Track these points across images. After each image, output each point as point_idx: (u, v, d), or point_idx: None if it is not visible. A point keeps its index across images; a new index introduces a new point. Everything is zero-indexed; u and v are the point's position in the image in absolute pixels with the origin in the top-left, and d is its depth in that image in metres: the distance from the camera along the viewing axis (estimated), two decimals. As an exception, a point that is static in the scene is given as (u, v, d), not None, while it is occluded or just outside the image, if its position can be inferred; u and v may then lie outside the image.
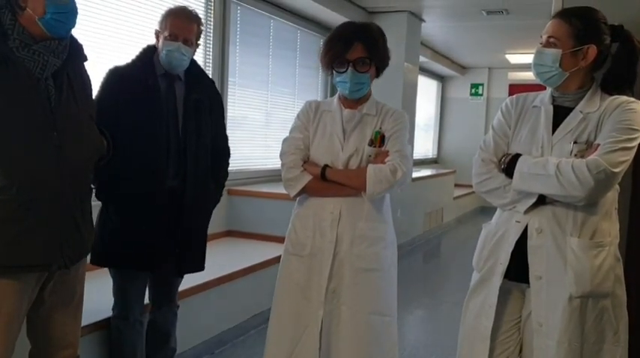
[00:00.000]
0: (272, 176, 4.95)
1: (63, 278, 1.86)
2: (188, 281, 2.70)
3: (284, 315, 2.19)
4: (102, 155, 1.95)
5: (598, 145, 1.72)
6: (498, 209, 1.96)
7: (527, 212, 1.83)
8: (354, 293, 2.11)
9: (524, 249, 1.83)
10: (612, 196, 1.81)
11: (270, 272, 3.48)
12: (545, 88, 1.92)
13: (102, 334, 2.56)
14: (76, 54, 1.86)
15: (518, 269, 1.85)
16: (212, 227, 2.61)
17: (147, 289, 2.53)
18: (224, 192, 2.68)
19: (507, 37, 7.03)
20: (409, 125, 2.22)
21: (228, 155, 2.62)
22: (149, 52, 2.39)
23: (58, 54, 1.75)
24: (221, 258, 3.57)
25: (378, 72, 2.19)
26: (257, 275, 3.65)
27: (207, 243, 2.57)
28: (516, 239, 1.85)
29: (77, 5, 1.75)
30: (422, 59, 7.16)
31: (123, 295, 2.45)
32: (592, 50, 1.77)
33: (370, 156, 2.13)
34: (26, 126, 1.68)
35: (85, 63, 1.92)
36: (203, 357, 3.22)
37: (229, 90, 4.48)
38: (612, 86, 1.82)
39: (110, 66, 2.38)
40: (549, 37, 1.82)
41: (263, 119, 5.04)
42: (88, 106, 1.90)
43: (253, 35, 4.81)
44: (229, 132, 2.66)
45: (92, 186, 1.99)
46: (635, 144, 1.71)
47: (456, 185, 8.59)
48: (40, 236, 1.71)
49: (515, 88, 9.17)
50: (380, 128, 2.15)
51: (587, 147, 1.76)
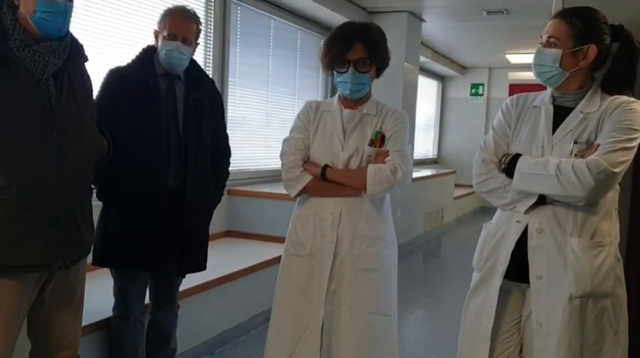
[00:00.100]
0: (272, 176, 4.95)
1: (63, 278, 1.86)
2: (188, 281, 2.70)
3: (284, 315, 2.19)
4: (102, 155, 1.95)
5: (598, 145, 1.72)
6: (498, 209, 1.96)
7: (527, 212, 1.83)
8: (355, 293, 2.11)
9: (524, 249, 1.83)
10: (612, 196, 1.81)
11: (270, 272, 3.48)
12: (545, 88, 1.92)
13: (102, 334, 2.56)
14: (77, 54, 1.86)
15: (518, 269, 1.85)
16: (212, 227, 2.61)
17: (147, 289, 2.54)
18: (224, 192, 2.68)
19: (507, 37, 7.03)
20: (409, 125, 2.22)
21: (228, 155, 2.62)
22: (149, 53, 2.40)
23: (59, 54, 1.75)
24: (221, 258, 3.57)
25: (379, 72, 2.19)
26: (257, 275, 3.65)
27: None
28: (516, 239, 1.85)
29: (71, 7, 1.72)
30: (422, 59, 7.16)
31: (123, 295, 2.45)
32: (592, 50, 1.77)
33: (370, 156, 2.13)
34: (27, 126, 1.68)
35: (86, 63, 1.92)
36: (203, 357, 3.22)
37: (229, 90, 4.48)
38: (612, 86, 1.82)
39: (110, 66, 2.38)
40: (549, 37, 1.82)
41: (263, 119, 5.04)
42: (89, 106, 1.90)
43: (253, 35, 4.81)
44: (229, 132, 2.66)
45: (93, 187, 1.99)
46: (635, 144, 1.71)
47: (456, 185, 8.59)
48: (40, 236, 1.71)
49: (515, 88, 9.16)
50: (380, 128, 2.15)
51: (587, 147, 1.76)
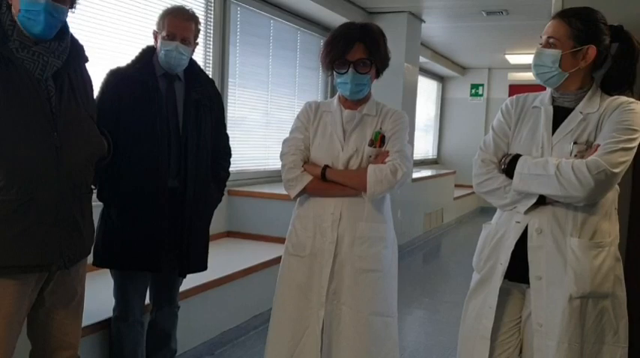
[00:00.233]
0: (272, 176, 4.95)
1: (63, 278, 1.86)
2: (188, 281, 2.70)
3: (285, 316, 2.19)
4: (102, 156, 1.95)
5: (598, 146, 1.72)
6: (498, 209, 1.96)
7: (527, 212, 1.83)
8: (355, 293, 2.11)
9: (524, 250, 1.83)
10: (612, 196, 1.81)
11: (270, 272, 3.48)
12: (545, 89, 1.93)
13: (102, 335, 2.56)
14: (77, 55, 1.86)
15: (518, 269, 1.85)
16: (212, 227, 2.61)
17: (147, 289, 2.54)
18: (224, 193, 2.68)
19: (507, 38, 7.03)
20: (409, 125, 2.22)
21: (229, 155, 2.62)
22: (148, 53, 2.40)
23: (59, 55, 1.75)
24: (221, 259, 3.57)
25: (379, 73, 2.19)
26: (257, 275, 3.65)
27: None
28: (516, 239, 1.85)
29: (57, 7, 1.68)
30: (422, 60, 7.16)
31: (123, 296, 2.45)
32: (592, 50, 1.78)
33: (370, 156, 2.13)
34: (26, 126, 1.68)
35: (86, 64, 1.92)
36: (203, 358, 3.23)
37: (229, 90, 4.48)
38: (612, 86, 1.82)
39: (109, 67, 2.38)
40: (549, 38, 1.82)
41: (263, 119, 5.04)
42: (89, 107, 1.90)
43: (253, 36, 4.81)
44: (229, 132, 2.65)
45: (93, 187, 1.98)
46: (635, 144, 1.71)
47: (456, 185, 8.59)
48: (40, 236, 1.71)
49: (515, 89, 9.17)
50: (380, 128, 2.15)
51: (587, 147, 1.76)
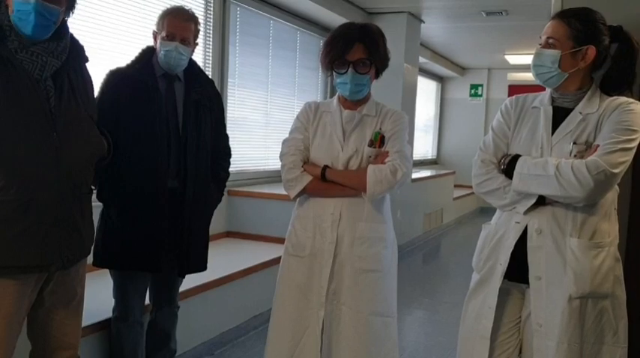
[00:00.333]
0: (272, 177, 4.95)
1: (63, 279, 1.86)
2: (188, 281, 2.70)
3: (285, 316, 2.19)
4: (103, 156, 1.95)
5: (597, 146, 1.72)
6: (498, 210, 1.96)
7: (526, 213, 1.83)
8: (355, 293, 2.11)
9: (523, 250, 1.83)
10: (612, 197, 1.81)
11: (270, 273, 3.48)
12: (544, 89, 1.93)
13: (102, 335, 2.56)
14: (77, 55, 1.86)
15: (517, 269, 1.85)
16: (212, 228, 2.61)
17: (147, 290, 2.53)
18: (224, 193, 2.68)
19: (507, 38, 7.03)
20: (408, 126, 2.23)
21: (229, 155, 2.62)
22: (148, 53, 2.40)
23: (58, 55, 1.75)
24: (221, 259, 3.57)
25: (378, 73, 2.19)
26: (257, 276, 3.65)
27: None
28: (516, 240, 1.85)
29: (49, 8, 1.65)
30: (421, 60, 7.17)
31: (123, 296, 2.45)
32: (591, 51, 1.78)
33: (370, 156, 2.13)
34: (25, 127, 1.68)
35: (87, 64, 1.92)
36: (203, 358, 3.23)
37: (229, 91, 4.48)
38: (611, 87, 1.83)
39: (109, 67, 2.38)
40: (548, 38, 1.82)
41: (262, 120, 5.04)
42: (89, 107, 1.90)
43: (253, 36, 4.81)
44: (229, 133, 2.65)
45: (93, 187, 1.98)
46: (634, 144, 1.71)
47: (456, 186, 8.59)
48: (39, 236, 1.71)
49: (514, 89, 9.17)
50: (380, 129, 2.15)
51: (586, 147, 1.76)
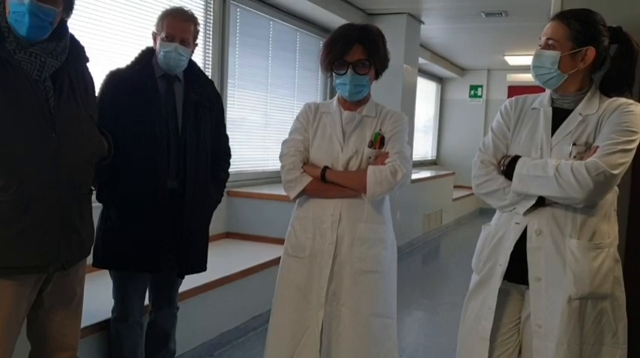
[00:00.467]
0: (271, 178, 4.95)
1: (62, 279, 1.86)
2: (188, 282, 2.70)
3: (284, 317, 2.19)
4: (103, 156, 1.94)
5: (597, 147, 1.72)
6: (497, 210, 1.96)
7: (526, 213, 1.83)
8: (354, 294, 2.11)
9: (523, 251, 1.83)
10: (611, 198, 1.81)
11: (269, 273, 3.48)
12: (544, 90, 1.93)
13: (102, 336, 2.55)
14: (78, 55, 1.85)
15: (517, 270, 1.85)
16: (211, 228, 2.61)
17: (147, 290, 2.53)
18: (223, 193, 2.68)
19: (506, 39, 7.03)
20: (408, 127, 2.23)
21: (228, 156, 2.62)
22: (147, 54, 2.40)
23: (57, 55, 1.75)
24: (220, 260, 3.57)
25: (378, 74, 2.19)
26: (256, 276, 3.65)
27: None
28: (516, 240, 1.85)
29: (44, 9, 1.65)
30: (421, 61, 7.17)
31: (123, 297, 2.45)
32: (591, 52, 1.78)
33: (370, 157, 2.13)
34: (24, 127, 1.68)
35: (87, 64, 1.92)
36: (202, 359, 3.23)
37: (228, 91, 4.48)
38: (611, 88, 1.83)
39: (108, 68, 2.38)
40: (548, 39, 1.82)
41: (262, 121, 5.04)
42: (89, 108, 1.89)
43: (253, 37, 4.81)
44: (228, 133, 2.65)
45: (92, 188, 1.98)
46: (634, 146, 1.71)
47: (455, 186, 8.59)
48: (38, 237, 1.71)
49: (514, 90, 9.18)
50: (380, 130, 2.15)
51: (586, 149, 1.76)
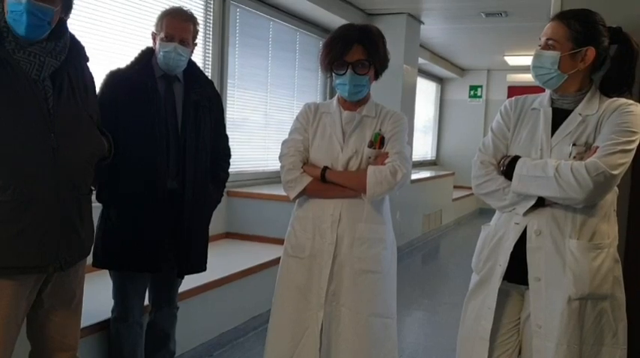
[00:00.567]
0: (271, 178, 4.95)
1: (62, 279, 1.86)
2: (188, 282, 2.70)
3: (284, 317, 2.19)
4: (103, 156, 1.94)
5: (597, 148, 1.72)
6: (497, 211, 1.96)
7: (526, 214, 1.83)
8: (354, 295, 2.11)
9: (523, 251, 1.83)
10: (611, 198, 1.81)
11: (269, 274, 3.48)
12: (544, 90, 1.93)
13: (101, 336, 2.55)
14: (78, 54, 1.85)
15: (517, 270, 1.85)
16: (211, 229, 2.61)
17: (146, 290, 2.53)
18: (223, 194, 2.68)
19: (506, 39, 7.03)
20: (408, 127, 2.23)
21: (228, 156, 2.62)
22: (147, 54, 2.40)
23: (56, 55, 1.74)
24: (220, 260, 3.56)
25: (378, 74, 2.19)
26: (256, 277, 3.65)
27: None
28: (515, 241, 1.85)
29: (41, 7, 1.64)
30: (421, 61, 7.17)
31: (123, 297, 2.44)
32: (590, 52, 1.78)
33: (370, 157, 2.13)
34: (23, 127, 1.68)
35: (88, 64, 1.91)
36: (202, 359, 3.22)
37: (228, 92, 4.48)
38: (611, 88, 1.83)
39: (107, 68, 2.38)
40: (548, 40, 1.82)
41: (262, 121, 5.04)
42: (89, 107, 1.89)
43: (252, 37, 4.81)
44: (228, 133, 2.65)
45: (92, 188, 1.98)
46: (634, 146, 1.71)
47: (455, 187, 8.60)
48: (37, 237, 1.71)
49: (514, 90, 9.18)
50: (379, 130, 2.15)
51: (586, 149, 1.76)
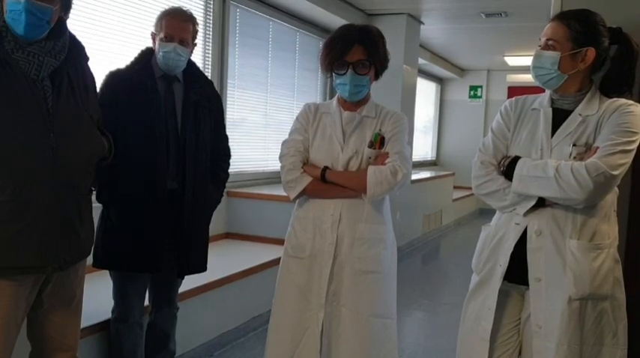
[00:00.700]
0: (271, 178, 4.95)
1: (62, 280, 1.86)
2: (188, 283, 2.70)
3: (284, 317, 2.19)
4: (104, 156, 1.94)
5: (597, 148, 1.72)
6: (497, 211, 1.96)
7: (526, 214, 1.83)
8: (355, 295, 2.11)
9: (523, 251, 1.83)
10: (611, 198, 1.81)
11: (269, 274, 3.48)
12: (544, 91, 1.93)
13: (101, 336, 2.55)
14: (78, 54, 1.85)
15: (517, 271, 1.85)
16: (211, 229, 2.61)
17: (146, 291, 2.53)
18: (223, 194, 2.68)
19: (506, 40, 7.03)
20: (408, 127, 2.23)
21: (228, 156, 2.62)
22: (147, 55, 2.40)
23: (55, 54, 1.74)
24: (220, 260, 3.56)
25: (378, 74, 2.19)
26: (256, 277, 3.65)
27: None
28: (516, 241, 1.85)
29: (40, 7, 1.64)
30: (421, 61, 7.17)
31: (123, 297, 2.44)
32: (591, 52, 1.78)
33: (370, 157, 2.13)
34: (22, 127, 1.67)
35: (88, 63, 1.91)
36: (202, 359, 3.22)
37: (228, 92, 4.48)
38: (611, 88, 1.83)
39: (107, 69, 2.38)
40: (548, 40, 1.82)
41: (262, 121, 5.04)
42: (90, 107, 1.88)
43: (252, 37, 4.81)
44: (228, 134, 2.65)
45: (92, 188, 1.98)
46: (634, 146, 1.71)
47: (455, 187, 8.60)
48: (36, 237, 1.70)
49: (514, 91, 9.18)
50: (379, 130, 2.15)
51: (586, 149, 1.76)
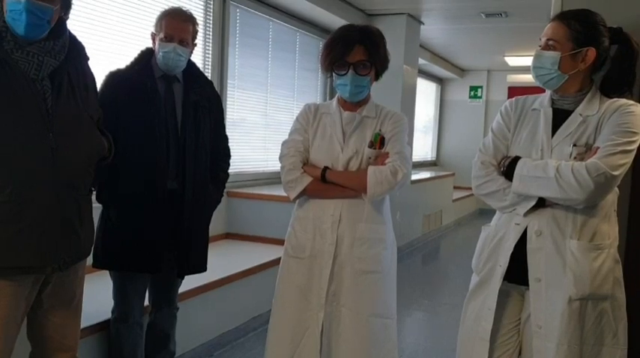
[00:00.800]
0: (271, 178, 4.95)
1: (62, 280, 1.86)
2: (188, 283, 2.70)
3: (284, 317, 2.19)
4: (104, 156, 1.94)
5: (597, 148, 1.72)
6: (497, 211, 1.96)
7: (526, 214, 1.83)
8: (355, 295, 2.11)
9: (523, 252, 1.83)
10: (612, 199, 1.81)
11: (269, 274, 3.48)
12: (544, 91, 1.93)
13: (101, 336, 2.55)
14: (78, 54, 1.85)
15: (517, 271, 1.85)
16: (211, 229, 2.61)
17: (146, 291, 2.53)
18: (223, 194, 2.68)
19: (506, 40, 7.03)
20: (408, 127, 2.23)
21: (228, 156, 2.62)
22: (146, 55, 2.40)
23: (55, 54, 1.74)
24: (220, 261, 3.56)
25: (378, 74, 2.19)
26: (256, 277, 3.65)
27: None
28: (516, 241, 1.85)
29: (40, 6, 1.64)
30: (421, 61, 7.17)
31: (123, 297, 2.44)
32: (591, 53, 1.78)
33: (370, 157, 2.13)
34: (21, 127, 1.67)
35: (89, 63, 1.91)
36: (202, 359, 3.22)
37: (228, 92, 4.48)
38: (611, 88, 1.83)
39: (107, 69, 2.38)
40: (548, 40, 1.82)
41: (262, 121, 5.04)
42: (90, 107, 1.88)
43: (252, 37, 4.81)
44: (228, 134, 2.65)
45: (92, 189, 1.98)
46: (634, 146, 1.71)
47: (455, 187, 8.60)
48: (35, 238, 1.70)
49: (514, 91, 9.18)
50: (380, 130, 2.15)
51: (586, 149, 1.76)
